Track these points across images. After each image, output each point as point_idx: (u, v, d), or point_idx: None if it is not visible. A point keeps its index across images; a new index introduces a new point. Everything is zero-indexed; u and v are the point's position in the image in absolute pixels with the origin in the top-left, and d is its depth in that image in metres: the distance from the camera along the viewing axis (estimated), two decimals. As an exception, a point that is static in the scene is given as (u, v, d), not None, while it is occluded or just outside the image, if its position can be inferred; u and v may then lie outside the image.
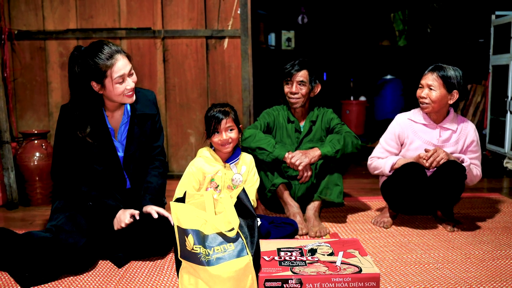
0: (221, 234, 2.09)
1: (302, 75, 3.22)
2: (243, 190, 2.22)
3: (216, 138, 2.72)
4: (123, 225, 2.48)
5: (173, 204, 2.13)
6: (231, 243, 2.07)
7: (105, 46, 2.45)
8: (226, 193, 2.82)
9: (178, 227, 2.09)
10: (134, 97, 2.57)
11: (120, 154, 2.65)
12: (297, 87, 3.22)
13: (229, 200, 2.17)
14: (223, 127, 2.70)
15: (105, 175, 2.63)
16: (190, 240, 2.05)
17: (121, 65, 2.45)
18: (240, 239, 2.09)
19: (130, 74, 2.51)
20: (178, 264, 2.11)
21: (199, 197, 2.24)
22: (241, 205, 2.19)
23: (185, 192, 2.31)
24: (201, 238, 2.06)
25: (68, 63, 2.51)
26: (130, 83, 2.51)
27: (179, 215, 2.10)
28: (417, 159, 2.94)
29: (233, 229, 2.10)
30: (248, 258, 2.05)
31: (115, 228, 2.51)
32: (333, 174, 3.12)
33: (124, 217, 2.49)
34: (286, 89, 3.26)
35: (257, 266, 2.10)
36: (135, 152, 2.67)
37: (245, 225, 2.15)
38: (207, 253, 2.03)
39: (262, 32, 7.50)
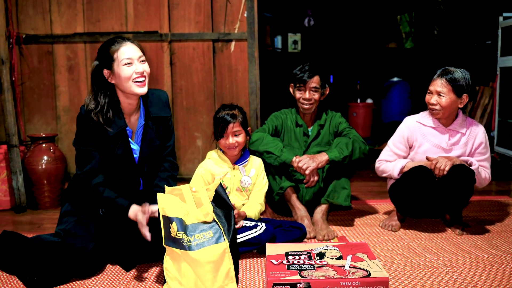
0: (201, 223, 2.26)
1: (315, 81, 3.19)
2: (220, 184, 2.39)
3: (222, 141, 2.76)
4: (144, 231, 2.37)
5: (159, 195, 2.26)
6: (210, 231, 2.25)
7: (119, 37, 2.51)
8: (235, 195, 2.83)
9: (163, 216, 2.22)
10: (146, 88, 2.50)
11: (136, 155, 2.62)
12: (311, 93, 3.20)
13: (204, 192, 2.34)
14: (229, 131, 2.73)
15: (120, 176, 2.59)
16: (174, 227, 2.21)
17: (128, 49, 2.46)
18: (218, 227, 2.27)
19: (141, 61, 2.49)
20: (163, 251, 2.25)
21: (178, 191, 2.34)
22: (219, 198, 2.37)
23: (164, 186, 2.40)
24: (184, 227, 2.23)
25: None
26: (138, 67, 2.46)
27: (164, 205, 2.23)
28: (426, 163, 2.94)
29: (209, 217, 2.28)
30: (225, 244, 2.22)
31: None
32: (340, 178, 3.11)
33: (142, 219, 2.39)
34: (298, 94, 3.23)
35: (234, 252, 2.27)
36: (150, 155, 2.65)
37: (222, 215, 2.34)
38: (188, 240, 2.20)
39: (268, 35, 7.49)
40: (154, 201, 2.62)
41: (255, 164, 2.92)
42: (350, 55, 7.98)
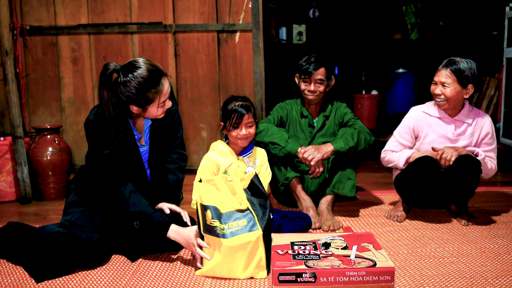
0: (235, 212, 2.32)
1: (320, 73, 3.15)
2: (256, 174, 2.46)
3: (235, 133, 2.71)
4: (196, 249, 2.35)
5: (196, 184, 2.38)
6: (244, 219, 2.30)
7: (150, 71, 2.34)
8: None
9: (200, 204, 2.31)
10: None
11: (145, 156, 2.59)
12: (316, 85, 3.17)
13: (238, 181, 2.43)
14: (244, 122, 2.69)
15: (127, 171, 2.52)
16: (208, 215, 2.29)
17: (166, 89, 2.39)
18: (252, 216, 2.31)
19: (169, 97, 2.46)
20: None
21: (212, 181, 2.42)
22: (254, 187, 2.43)
23: (200, 179, 2.50)
24: (218, 215, 2.30)
25: (100, 83, 2.34)
26: (168, 104, 2.44)
27: (201, 194, 2.33)
28: (432, 153, 2.92)
29: (243, 205, 2.35)
30: (258, 233, 2.26)
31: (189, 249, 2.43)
32: (345, 168, 3.10)
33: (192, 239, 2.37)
34: (303, 86, 3.21)
35: (267, 241, 2.29)
36: (160, 153, 2.63)
37: (257, 203, 2.38)
38: (222, 228, 2.26)
39: (273, 26, 7.46)
40: (161, 192, 2.62)
41: (259, 155, 2.91)
42: (355, 46, 7.94)
